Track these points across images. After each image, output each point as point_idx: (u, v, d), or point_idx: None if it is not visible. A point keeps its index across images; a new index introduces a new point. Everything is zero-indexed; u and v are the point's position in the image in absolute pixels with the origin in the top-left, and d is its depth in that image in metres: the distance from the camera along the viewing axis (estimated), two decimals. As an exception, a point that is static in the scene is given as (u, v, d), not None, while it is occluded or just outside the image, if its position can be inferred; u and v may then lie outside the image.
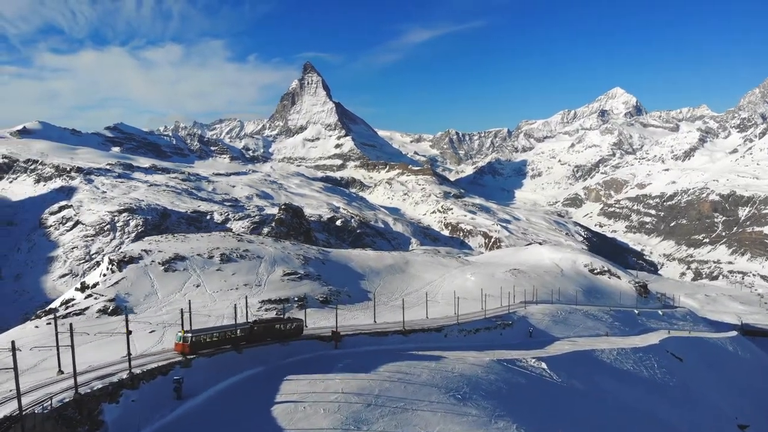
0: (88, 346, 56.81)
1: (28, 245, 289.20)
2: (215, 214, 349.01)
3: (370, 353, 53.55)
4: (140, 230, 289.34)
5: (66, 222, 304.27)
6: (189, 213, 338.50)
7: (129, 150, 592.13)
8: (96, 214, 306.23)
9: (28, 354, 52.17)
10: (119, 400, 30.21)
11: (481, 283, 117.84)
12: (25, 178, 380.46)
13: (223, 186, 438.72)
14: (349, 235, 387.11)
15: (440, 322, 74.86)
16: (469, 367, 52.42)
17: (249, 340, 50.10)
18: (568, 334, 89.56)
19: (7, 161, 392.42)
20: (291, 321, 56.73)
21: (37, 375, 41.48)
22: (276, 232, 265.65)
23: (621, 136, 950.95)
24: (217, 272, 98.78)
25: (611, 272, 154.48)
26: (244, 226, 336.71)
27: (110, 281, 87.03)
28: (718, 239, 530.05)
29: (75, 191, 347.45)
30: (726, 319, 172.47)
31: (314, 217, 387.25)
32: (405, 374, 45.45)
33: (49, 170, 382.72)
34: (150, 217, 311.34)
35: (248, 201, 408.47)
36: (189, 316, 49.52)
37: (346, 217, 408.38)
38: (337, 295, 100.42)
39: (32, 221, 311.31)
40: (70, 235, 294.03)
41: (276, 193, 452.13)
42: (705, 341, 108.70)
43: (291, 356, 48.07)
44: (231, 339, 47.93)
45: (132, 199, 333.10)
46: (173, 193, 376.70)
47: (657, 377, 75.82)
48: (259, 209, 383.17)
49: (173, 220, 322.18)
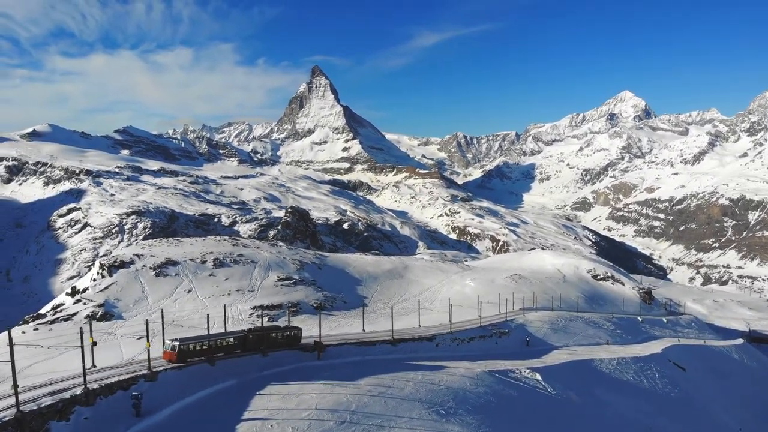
0: (74, 353, 55.54)
1: (36, 247, 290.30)
2: (223, 216, 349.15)
3: (354, 364, 51.64)
4: (148, 233, 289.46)
5: (74, 224, 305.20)
6: (197, 216, 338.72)
7: (138, 153, 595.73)
8: (104, 217, 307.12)
9: (7, 360, 50.87)
10: (70, 417, 28.55)
11: (480, 289, 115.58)
12: (35, 180, 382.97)
13: (231, 189, 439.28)
14: (356, 238, 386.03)
15: (433, 330, 72.31)
16: (457, 379, 50.27)
17: (243, 348, 48.63)
18: (567, 342, 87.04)
19: (16, 164, 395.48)
20: (288, 329, 55.06)
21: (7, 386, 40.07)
22: (282, 235, 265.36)
23: (630, 140, 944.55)
24: (209, 277, 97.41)
25: (614, 278, 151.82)
26: (252, 229, 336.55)
27: (100, 286, 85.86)
28: (727, 244, 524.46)
29: (84, 194, 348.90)
30: (734, 325, 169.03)
31: (321, 220, 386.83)
32: (387, 388, 43.54)
33: (58, 173, 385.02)
34: (158, 219, 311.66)
35: (256, 204, 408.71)
36: (162, 324, 48.17)
37: (353, 220, 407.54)
38: (332, 301, 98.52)
39: (41, 223, 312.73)
40: (78, 237, 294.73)
41: (283, 196, 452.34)
42: (710, 349, 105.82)
43: (269, 368, 45.85)
44: (223, 347, 46.54)
45: (140, 201, 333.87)
46: (181, 195, 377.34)
47: (658, 388, 73.16)
48: (267, 212, 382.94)
49: (181, 223, 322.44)
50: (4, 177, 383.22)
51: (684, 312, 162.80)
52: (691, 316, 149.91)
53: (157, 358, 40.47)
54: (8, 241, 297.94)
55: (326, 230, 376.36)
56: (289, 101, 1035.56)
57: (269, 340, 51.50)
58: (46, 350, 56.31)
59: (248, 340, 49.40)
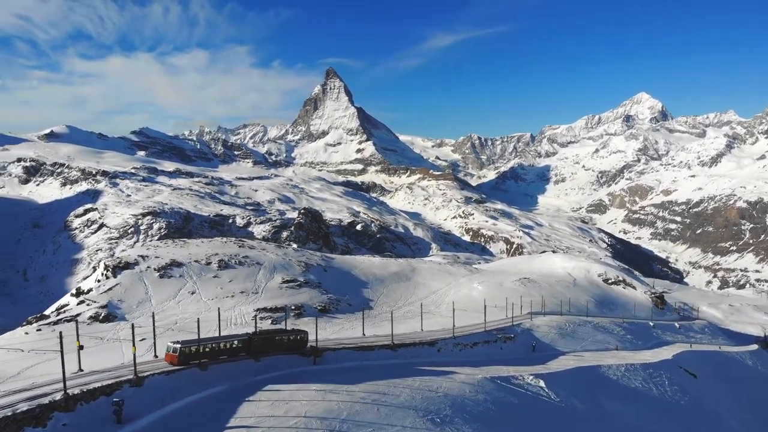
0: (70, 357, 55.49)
1: (53, 247, 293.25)
2: (237, 217, 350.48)
3: (351, 370, 50.48)
4: (163, 233, 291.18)
5: (91, 225, 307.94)
6: (212, 217, 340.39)
7: (154, 154, 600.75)
8: (120, 217, 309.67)
9: (9, 360, 50.99)
10: (47, 423, 28.07)
11: (488, 293, 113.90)
12: (52, 181, 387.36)
13: (246, 190, 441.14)
14: (369, 239, 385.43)
15: (436, 335, 70.93)
16: (457, 386, 48.92)
17: (248, 352, 48.14)
18: (574, 348, 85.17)
19: (34, 164, 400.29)
20: (295, 332, 54.27)
21: (8, 385, 39.77)
22: (295, 236, 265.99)
23: (646, 142, 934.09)
24: (213, 279, 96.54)
25: (626, 282, 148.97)
26: (266, 230, 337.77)
27: (104, 287, 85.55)
28: (745, 247, 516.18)
29: (100, 194, 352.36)
30: (750, 330, 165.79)
31: (334, 222, 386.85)
32: (381, 395, 42.25)
33: (75, 173, 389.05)
34: (173, 220, 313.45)
35: (270, 205, 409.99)
36: (153, 327, 47.82)
37: (366, 222, 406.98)
38: (336, 304, 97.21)
39: (58, 224, 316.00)
40: (94, 237, 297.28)
41: (297, 197, 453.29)
42: (723, 355, 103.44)
43: (261, 373, 44.88)
44: (227, 350, 46.18)
45: (156, 202, 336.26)
46: (196, 196, 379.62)
47: (667, 395, 71.20)
48: (281, 213, 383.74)
49: (196, 224, 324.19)
50: (22, 178, 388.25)
51: (698, 317, 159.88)
52: (705, 322, 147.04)
53: (153, 361, 40.11)
54: (26, 241, 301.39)
55: (339, 232, 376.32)
56: (304, 103, 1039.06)
57: (275, 343, 50.93)
58: (48, 351, 56.19)
59: (253, 343, 48.83)
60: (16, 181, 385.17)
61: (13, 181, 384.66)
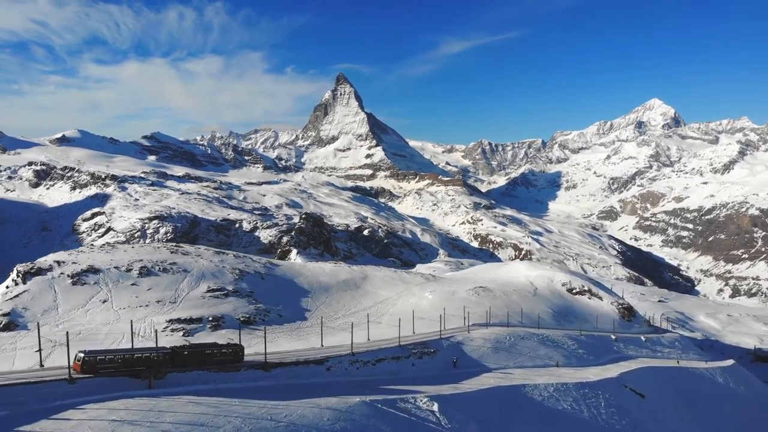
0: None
1: (61, 251, 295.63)
2: (244, 222, 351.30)
3: (191, 394, 43.37)
4: (170, 237, 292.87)
5: (98, 228, 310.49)
6: (218, 221, 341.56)
7: (165, 159, 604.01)
8: (127, 221, 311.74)
9: None
10: None
11: (438, 302, 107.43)
12: (62, 185, 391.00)
13: (254, 195, 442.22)
14: (376, 245, 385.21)
15: (333, 351, 64.72)
16: (315, 413, 41.40)
17: (174, 365, 47.17)
18: (506, 364, 77.89)
19: (45, 168, 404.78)
20: (227, 346, 52.81)
21: None
22: (296, 241, 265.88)
23: (658, 148, 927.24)
24: (131, 287, 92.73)
25: (592, 292, 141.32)
26: (272, 235, 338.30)
27: (11, 293, 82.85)
28: (757, 255, 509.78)
29: (109, 198, 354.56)
30: (746, 340, 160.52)
31: (341, 227, 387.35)
32: (200, 426, 35.50)
33: (84, 177, 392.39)
34: (180, 224, 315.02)
35: (277, 210, 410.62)
36: (38, 338, 47.23)
37: (374, 227, 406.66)
38: (264, 315, 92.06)
39: (66, 227, 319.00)
40: (101, 241, 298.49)
41: (305, 202, 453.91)
42: (688, 372, 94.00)
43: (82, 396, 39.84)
44: (142, 363, 45.07)
45: (163, 206, 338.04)
46: (204, 201, 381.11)
47: (600, 419, 63.87)
48: (288, 218, 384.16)
49: (202, 228, 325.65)
50: (32, 181, 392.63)
51: (668, 330, 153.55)
52: (677, 335, 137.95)
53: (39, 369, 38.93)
54: (34, 244, 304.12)
55: (346, 237, 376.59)
56: (314, 109, 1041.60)
57: (203, 357, 49.58)
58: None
59: (177, 357, 47.73)
60: (27, 184, 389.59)
61: (24, 184, 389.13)
